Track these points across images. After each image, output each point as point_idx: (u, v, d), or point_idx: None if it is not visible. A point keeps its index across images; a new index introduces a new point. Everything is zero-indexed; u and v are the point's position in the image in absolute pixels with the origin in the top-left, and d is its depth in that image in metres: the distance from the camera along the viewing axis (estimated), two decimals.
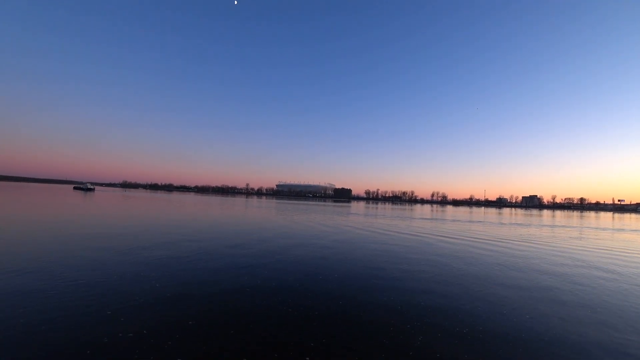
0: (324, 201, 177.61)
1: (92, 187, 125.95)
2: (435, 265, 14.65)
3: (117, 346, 6.36)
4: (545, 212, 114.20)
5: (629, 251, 22.56)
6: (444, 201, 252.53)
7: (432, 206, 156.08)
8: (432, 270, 13.66)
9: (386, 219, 50.15)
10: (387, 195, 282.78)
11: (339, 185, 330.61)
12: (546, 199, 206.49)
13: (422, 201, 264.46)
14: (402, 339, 7.01)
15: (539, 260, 16.96)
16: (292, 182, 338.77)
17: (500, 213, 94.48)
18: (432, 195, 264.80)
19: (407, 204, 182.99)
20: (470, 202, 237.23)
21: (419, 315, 8.43)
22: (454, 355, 6.36)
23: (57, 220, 25.87)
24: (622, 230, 41.12)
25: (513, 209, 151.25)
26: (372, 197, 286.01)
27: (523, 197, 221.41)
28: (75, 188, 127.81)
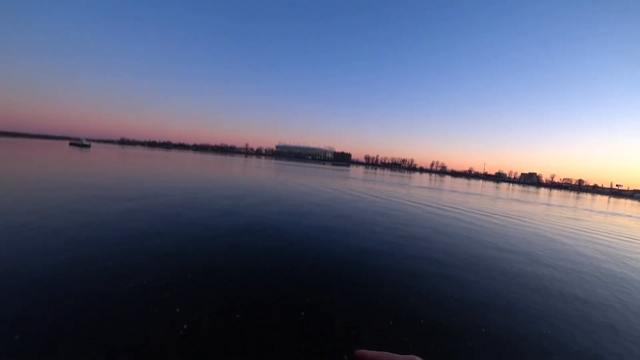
0: (323, 164, 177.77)
1: (87, 143, 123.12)
2: (427, 234, 14.90)
3: (117, 296, 6.60)
4: (543, 190, 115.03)
5: (621, 236, 22.95)
6: (443, 171, 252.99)
7: (430, 175, 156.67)
8: (426, 237, 13.91)
9: (384, 184, 50.46)
10: (386, 161, 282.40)
11: (339, 149, 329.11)
12: (545, 177, 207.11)
13: (421, 170, 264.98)
14: (388, 300, 7.30)
15: (531, 237, 17.27)
16: (292, 144, 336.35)
17: (497, 187, 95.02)
18: (432, 164, 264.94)
19: (406, 172, 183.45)
20: (469, 175, 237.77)
21: (404, 280, 8.71)
22: (433, 317, 6.65)
23: (56, 176, 25.91)
24: (617, 214, 41.53)
25: (511, 184, 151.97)
26: (372, 163, 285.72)
27: (522, 174, 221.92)
28: (71, 144, 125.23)
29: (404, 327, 6.36)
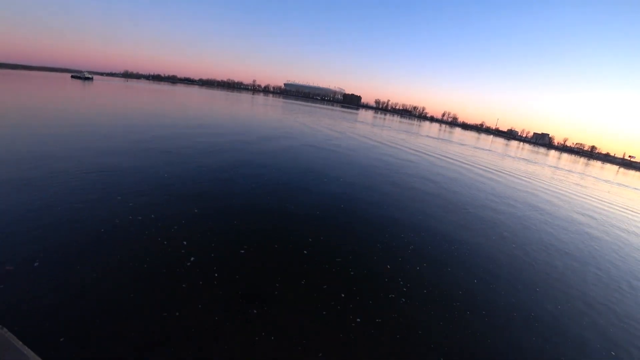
0: (332, 105, 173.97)
1: (90, 76, 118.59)
2: (426, 185, 15.08)
3: (128, 227, 7.03)
4: (553, 152, 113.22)
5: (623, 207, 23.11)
6: (453, 122, 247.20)
7: (440, 125, 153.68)
8: (423, 188, 14.10)
9: (392, 131, 49.82)
10: (397, 107, 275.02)
11: (348, 91, 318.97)
12: (557, 140, 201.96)
13: (432, 119, 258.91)
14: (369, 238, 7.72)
15: (527, 195, 17.49)
16: (300, 83, 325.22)
17: (507, 145, 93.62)
18: (443, 114, 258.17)
19: (415, 119, 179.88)
20: (480, 129, 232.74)
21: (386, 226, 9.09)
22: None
23: (64, 111, 25.61)
24: (625, 185, 41.30)
25: (521, 143, 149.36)
26: (382, 108, 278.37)
27: (534, 133, 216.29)
28: (72, 77, 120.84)
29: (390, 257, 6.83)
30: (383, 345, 4.82)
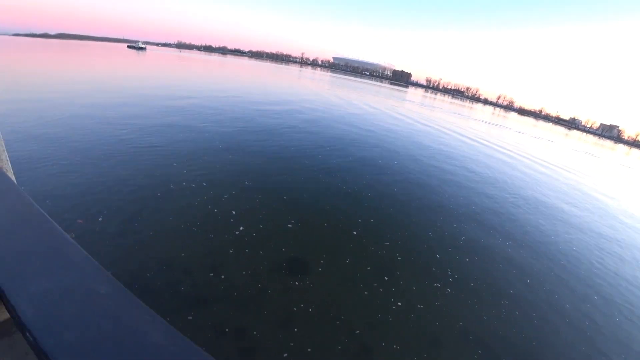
0: (381, 82, 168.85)
1: (143, 46, 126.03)
2: (486, 175, 14.23)
3: (182, 192, 7.35)
4: (621, 147, 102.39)
5: None
6: (509, 107, 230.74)
7: (494, 109, 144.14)
8: (484, 179, 13.33)
9: (443, 112, 47.51)
10: (448, 87, 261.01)
11: (398, 68, 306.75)
12: (628, 135, 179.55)
13: (486, 101, 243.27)
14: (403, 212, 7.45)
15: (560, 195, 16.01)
16: (349, 57, 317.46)
17: (567, 135, 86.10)
18: (498, 97, 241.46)
19: (468, 101, 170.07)
20: (538, 115, 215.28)
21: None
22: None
23: (118, 80, 26.83)
24: None
25: (584, 133, 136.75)
26: (433, 87, 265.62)
27: (601, 124, 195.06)
28: (129, 47, 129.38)
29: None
30: (422, 331, 4.72)
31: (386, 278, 5.66)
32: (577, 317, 5.85)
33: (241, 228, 6.30)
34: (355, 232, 6.96)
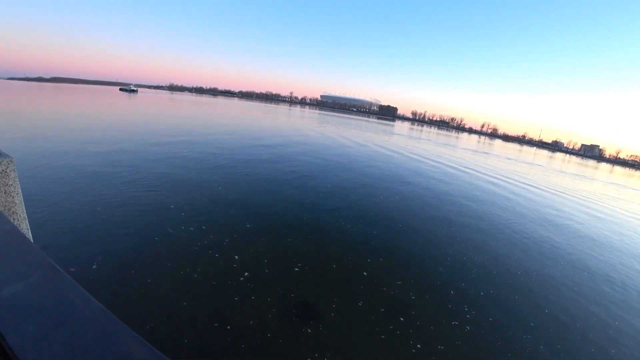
0: (368, 117, 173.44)
1: (135, 89, 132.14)
2: (481, 204, 14.21)
3: (180, 236, 7.07)
4: (603, 165, 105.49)
5: None
6: (493, 134, 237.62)
7: (479, 137, 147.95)
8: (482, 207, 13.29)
9: (430, 144, 48.46)
10: (434, 119, 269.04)
11: (384, 103, 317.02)
12: (609, 152, 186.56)
13: (470, 130, 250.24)
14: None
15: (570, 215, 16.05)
16: (337, 94, 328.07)
17: (551, 157, 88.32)
18: (482, 126, 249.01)
19: (453, 131, 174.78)
20: (522, 140, 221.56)
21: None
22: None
23: (110, 121, 27.13)
24: None
25: (568, 155, 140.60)
26: (418, 119, 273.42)
27: (582, 145, 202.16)
28: (120, 89, 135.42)
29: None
30: None
31: (402, 319, 5.36)
32: (603, 339, 5.56)
33: (246, 274, 5.99)
34: (365, 273, 6.67)
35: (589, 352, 5.42)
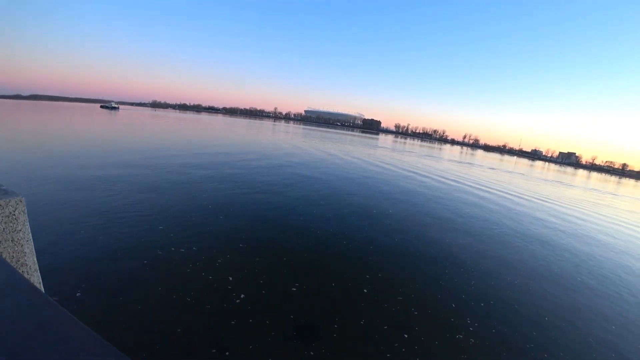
0: (352, 131, 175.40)
1: (116, 106, 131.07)
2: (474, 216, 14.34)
3: (171, 259, 6.77)
4: (581, 171, 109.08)
5: None
6: (475, 144, 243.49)
7: (462, 148, 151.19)
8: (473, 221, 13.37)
9: (413, 155, 49.11)
10: (417, 131, 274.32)
11: (368, 116, 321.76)
12: (585, 159, 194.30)
13: (453, 142, 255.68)
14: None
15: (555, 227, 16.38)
16: (320, 109, 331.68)
17: (532, 165, 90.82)
18: (464, 137, 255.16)
19: (436, 142, 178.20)
20: (503, 150, 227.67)
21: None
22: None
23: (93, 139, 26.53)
24: None
25: (547, 163, 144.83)
26: (402, 132, 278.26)
27: (560, 153, 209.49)
28: (102, 107, 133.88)
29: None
30: None
31: (406, 336, 5.21)
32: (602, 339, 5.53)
33: (242, 296, 5.74)
34: (365, 290, 6.51)
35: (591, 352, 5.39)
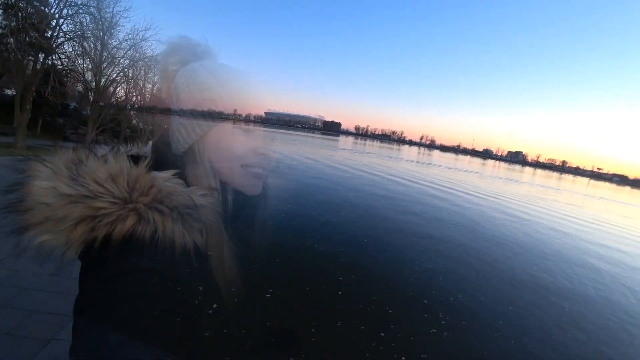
0: (313, 133, 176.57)
1: None
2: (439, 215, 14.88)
3: None
4: (527, 169, 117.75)
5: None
6: (432, 145, 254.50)
7: (419, 148, 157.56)
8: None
9: (372, 157, 50.36)
10: (376, 132, 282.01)
11: (328, 118, 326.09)
12: (530, 157, 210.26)
13: (411, 142, 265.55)
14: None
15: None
16: (281, 111, 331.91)
17: (484, 164, 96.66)
18: (422, 138, 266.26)
19: (395, 143, 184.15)
20: (457, 150, 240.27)
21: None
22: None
23: None
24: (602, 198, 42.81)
25: (497, 161, 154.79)
26: (362, 134, 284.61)
27: (509, 152, 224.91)
28: None
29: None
30: None
31: (382, 334, 5.28)
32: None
33: (214, 306, 5.48)
34: (340, 292, 6.50)
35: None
